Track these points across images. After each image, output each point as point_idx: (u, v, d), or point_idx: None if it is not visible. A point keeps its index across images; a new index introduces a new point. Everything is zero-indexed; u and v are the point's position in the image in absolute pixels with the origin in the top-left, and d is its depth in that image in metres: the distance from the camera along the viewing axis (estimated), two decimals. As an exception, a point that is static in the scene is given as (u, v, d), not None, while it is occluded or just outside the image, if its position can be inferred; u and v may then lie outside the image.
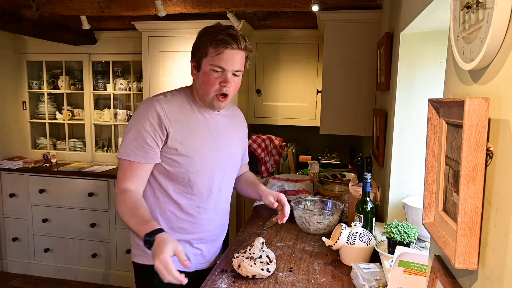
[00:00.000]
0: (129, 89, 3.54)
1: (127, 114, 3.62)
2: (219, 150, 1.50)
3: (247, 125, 1.74)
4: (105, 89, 3.59)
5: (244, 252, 1.42)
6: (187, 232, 1.50)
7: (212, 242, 1.60)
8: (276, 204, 1.50)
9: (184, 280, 1.08)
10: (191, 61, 1.44)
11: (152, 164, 1.40)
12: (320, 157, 3.27)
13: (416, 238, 1.41)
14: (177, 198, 1.46)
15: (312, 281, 1.37)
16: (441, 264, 0.82)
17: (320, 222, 1.82)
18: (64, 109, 3.68)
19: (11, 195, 3.41)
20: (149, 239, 1.16)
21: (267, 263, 1.38)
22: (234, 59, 1.35)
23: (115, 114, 3.62)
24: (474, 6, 0.66)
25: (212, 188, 1.50)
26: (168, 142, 1.39)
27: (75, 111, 3.74)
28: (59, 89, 3.68)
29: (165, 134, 1.37)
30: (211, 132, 1.48)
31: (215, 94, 1.39)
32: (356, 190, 1.85)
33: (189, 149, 1.41)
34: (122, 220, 1.30)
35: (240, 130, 1.66)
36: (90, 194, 3.24)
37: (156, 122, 1.36)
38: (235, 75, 1.39)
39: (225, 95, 1.40)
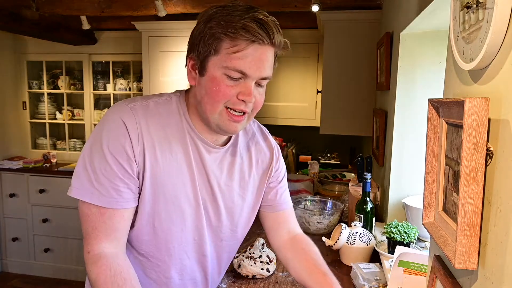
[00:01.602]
0: (129, 89, 3.54)
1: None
2: (209, 203, 1.00)
3: (279, 152, 1.15)
4: (105, 89, 3.59)
5: (244, 252, 1.42)
6: None
7: None
8: None
9: None
10: (189, 58, 0.92)
11: (131, 209, 0.91)
12: (320, 157, 3.27)
13: (416, 238, 1.41)
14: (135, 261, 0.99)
15: (312, 281, 1.37)
16: (441, 264, 0.82)
17: (320, 222, 1.82)
18: (64, 109, 3.68)
19: (11, 195, 3.41)
20: None
21: (267, 263, 1.38)
22: (263, 60, 0.87)
23: (115, 114, 3.62)
24: (474, 6, 0.66)
25: (189, 253, 1.02)
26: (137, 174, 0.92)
27: (75, 111, 3.74)
28: (59, 89, 3.68)
29: (136, 163, 0.89)
30: (202, 174, 0.97)
31: (225, 108, 0.88)
32: (356, 190, 1.85)
33: (161, 194, 0.93)
34: None
35: (263, 168, 1.10)
36: (90, 194, 3.24)
37: (126, 140, 0.87)
38: (259, 85, 0.90)
39: (242, 113, 0.90)
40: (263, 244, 1.44)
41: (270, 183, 1.12)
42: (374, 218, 1.63)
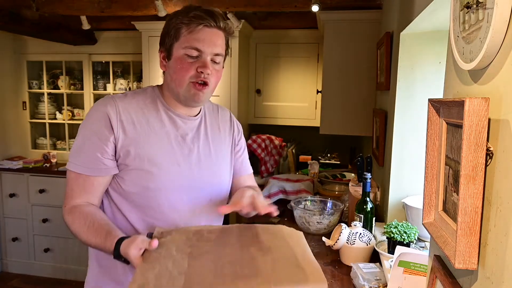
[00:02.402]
0: (129, 89, 3.54)
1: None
2: (192, 163, 1.17)
3: (241, 128, 1.40)
4: (105, 89, 3.59)
5: (244, 252, 1.41)
6: None
7: None
8: (226, 208, 1.03)
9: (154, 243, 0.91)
10: (160, 51, 1.17)
11: (105, 177, 1.11)
12: (320, 157, 3.27)
13: (416, 238, 1.41)
14: (135, 223, 1.14)
15: (312, 281, 1.37)
16: (441, 264, 0.82)
17: (320, 222, 1.82)
18: (64, 109, 3.68)
19: (11, 195, 3.41)
20: (119, 257, 0.96)
21: (267, 263, 1.38)
22: (213, 39, 1.10)
23: (115, 114, 3.62)
24: (474, 6, 0.66)
25: (181, 212, 1.16)
26: (117, 150, 1.10)
27: (75, 111, 3.73)
28: (59, 89, 3.67)
29: (115, 139, 1.09)
30: (182, 141, 1.17)
31: (191, 82, 1.10)
32: (356, 190, 1.85)
33: (146, 159, 1.10)
34: (80, 240, 1.08)
35: (228, 137, 1.32)
36: (90, 194, 3.24)
37: (106, 124, 1.08)
38: (214, 62, 1.12)
39: (204, 84, 1.11)
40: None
41: (236, 152, 1.35)
42: (374, 218, 1.63)
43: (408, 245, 1.36)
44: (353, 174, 2.73)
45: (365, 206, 1.61)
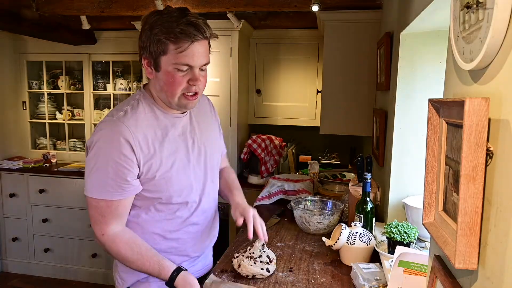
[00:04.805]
0: (129, 89, 3.54)
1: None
2: (195, 153, 1.33)
3: (215, 107, 1.54)
4: (105, 89, 3.59)
5: (244, 252, 1.42)
6: (179, 250, 1.35)
7: (208, 247, 1.50)
8: (240, 222, 1.32)
9: None
10: (143, 58, 1.19)
11: (131, 197, 1.22)
12: (320, 157, 3.27)
13: (416, 238, 1.41)
14: (160, 220, 1.29)
15: (312, 281, 1.37)
16: (441, 264, 0.82)
17: (320, 222, 1.82)
18: (64, 109, 3.68)
19: (11, 195, 3.41)
20: (170, 286, 1.19)
21: (267, 263, 1.38)
22: (200, 52, 1.15)
23: (115, 114, 3.62)
24: (474, 6, 0.66)
25: (194, 189, 1.33)
26: (140, 168, 1.19)
27: (75, 111, 3.73)
28: (59, 89, 3.67)
29: (137, 160, 1.18)
30: (183, 137, 1.30)
31: (183, 94, 1.19)
32: (356, 190, 1.85)
33: (165, 165, 1.23)
34: (129, 267, 1.22)
35: (210, 118, 1.47)
36: (90, 194, 3.24)
37: (126, 149, 1.14)
38: (201, 69, 1.21)
39: (195, 94, 1.22)
40: (263, 244, 1.43)
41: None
42: (374, 218, 1.63)
43: (408, 245, 1.36)
44: (353, 174, 2.73)
45: (365, 206, 1.61)
